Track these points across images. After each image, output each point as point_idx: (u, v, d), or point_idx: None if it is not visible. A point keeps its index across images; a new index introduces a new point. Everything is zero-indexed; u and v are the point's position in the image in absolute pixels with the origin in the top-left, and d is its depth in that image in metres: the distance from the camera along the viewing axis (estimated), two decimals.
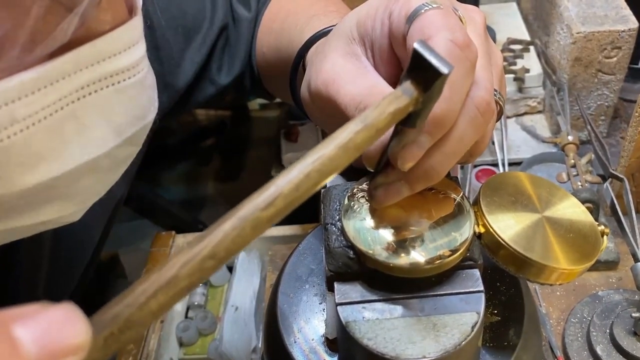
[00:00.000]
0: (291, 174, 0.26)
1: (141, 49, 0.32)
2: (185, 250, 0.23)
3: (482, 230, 0.37)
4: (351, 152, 0.27)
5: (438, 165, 0.34)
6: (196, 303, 0.72)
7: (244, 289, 0.70)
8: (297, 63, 0.50)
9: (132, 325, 0.22)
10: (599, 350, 0.55)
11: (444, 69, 0.28)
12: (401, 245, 0.35)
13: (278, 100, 0.78)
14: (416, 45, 0.29)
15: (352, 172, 0.40)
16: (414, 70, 0.29)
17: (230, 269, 0.74)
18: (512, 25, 0.95)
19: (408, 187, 0.35)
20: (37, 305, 0.19)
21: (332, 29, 0.43)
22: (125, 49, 0.31)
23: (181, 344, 0.69)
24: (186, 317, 0.72)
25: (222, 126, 1.34)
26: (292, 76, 0.52)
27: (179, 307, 0.72)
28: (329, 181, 0.27)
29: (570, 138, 0.72)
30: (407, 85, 0.30)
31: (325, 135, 0.30)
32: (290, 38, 0.53)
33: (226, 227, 0.24)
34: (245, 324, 0.66)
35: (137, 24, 0.32)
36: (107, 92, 0.31)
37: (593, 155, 0.69)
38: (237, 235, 0.24)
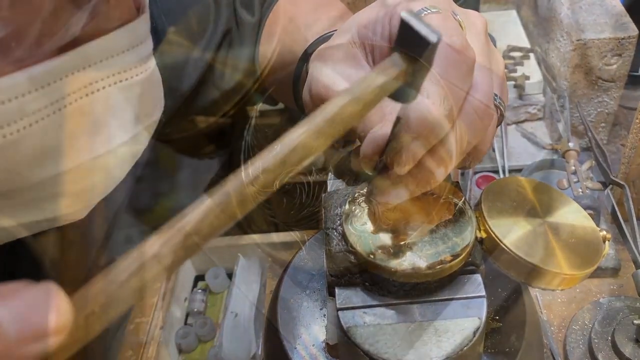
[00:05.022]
0: (277, 148, 0.25)
1: (148, 46, 0.32)
2: (167, 227, 0.22)
3: (484, 235, 0.37)
4: (338, 126, 0.26)
5: (436, 169, 0.34)
6: (195, 309, 0.71)
7: (243, 295, 0.70)
8: (300, 67, 0.51)
9: (114, 304, 0.21)
10: (600, 357, 0.55)
11: (432, 38, 0.27)
12: (402, 250, 0.35)
13: (279, 106, 0.78)
14: (403, 15, 0.27)
15: (354, 177, 0.40)
16: (402, 41, 0.28)
17: (230, 275, 0.73)
18: (512, 32, 0.95)
19: (406, 191, 0.35)
20: (17, 283, 0.19)
21: (334, 33, 0.43)
22: (133, 47, 0.31)
23: (180, 351, 0.69)
24: (185, 323, 0.71)
25: (222, 133, 1.34)
26: (295, 80, 0.52)
27: (178, 313, 0.72)
28: (319, 152, 0.26)
29: (570, 145, 0.72)
30: (396, 57, 0.28)
31: None
32: (293, 42, 0.53)
33: (210, 203, 0.23)
34: (244, 331, 0.66)
35: (144, 21, 0.32)
36: (114, 89, 0.31)
37: (594, 162, 0.69)
38: (221, 211, 0.23)
